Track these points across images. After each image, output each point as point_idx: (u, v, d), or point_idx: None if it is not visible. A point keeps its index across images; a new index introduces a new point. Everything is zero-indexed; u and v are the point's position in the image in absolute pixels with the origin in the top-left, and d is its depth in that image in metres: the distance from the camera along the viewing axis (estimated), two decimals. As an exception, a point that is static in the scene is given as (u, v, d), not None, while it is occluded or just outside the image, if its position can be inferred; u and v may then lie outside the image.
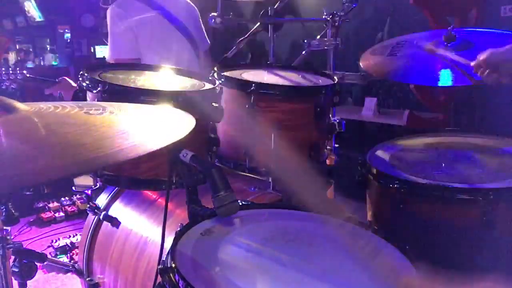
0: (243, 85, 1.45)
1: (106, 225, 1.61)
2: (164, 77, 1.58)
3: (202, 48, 2.81)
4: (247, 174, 1.57)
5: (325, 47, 1.91)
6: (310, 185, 1.39)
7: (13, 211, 1.23)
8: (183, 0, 2.67)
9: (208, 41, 2.83)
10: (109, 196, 1.67)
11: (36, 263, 1.36)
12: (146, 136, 0.77)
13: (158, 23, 2.33)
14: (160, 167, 1.29)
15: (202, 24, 2.75)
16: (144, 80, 1.47)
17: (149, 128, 0.85)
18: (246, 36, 2.22)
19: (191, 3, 2.69)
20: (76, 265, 1.74)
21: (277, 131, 1.39)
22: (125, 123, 0.82)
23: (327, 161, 1.68)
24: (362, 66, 1.70)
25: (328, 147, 1.70)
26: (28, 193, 3.59)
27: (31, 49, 5.29)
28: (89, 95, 1.32)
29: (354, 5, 1.93)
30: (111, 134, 0.74)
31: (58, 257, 2.95)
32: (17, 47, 5.16)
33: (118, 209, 1.63)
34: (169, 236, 1.08)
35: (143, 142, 0.72)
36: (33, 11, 5.14)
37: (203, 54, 2.81)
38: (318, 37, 2.00)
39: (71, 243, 3.06)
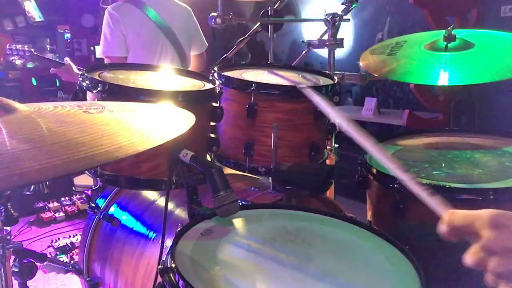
0: (243, 85, 1.45)
1: (106, 225, 1.61)
2: (164, 77, 1.58)
3: (199, 49, 2.83)
4: (247, 174, 1.57)
5: (325, 47, 1.91)
6: (310, 185, 1.39)
7: (12, 211, 1.23)
8: (176, 5, 2.70)
9: (206, 42, 2.85)
10: (109, 196, 1.67)
11: (36, 263, 1.36)
12: (145, 134, 0.77)
13: (147, 27, 2.58)
14: (160, 167, 1.29)
15: (198, 26, 2.77)
16: (144, 80, 1.47)
17: (148, 126, 0.84)
18: (246, 36, 2.22)
19: (186, 6, 2.73)
20: (76, 265, 1.74)
21: (277, 131, 1.39)
22: (125, 121, 0.82)
23: (327, 161, 1.68)
24: (362, 66, 1.70)
25: (328, 147, 1.70)
26: (28, 193, 3.61)
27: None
28: (89, 95, 1.32)
29: (354, 5, 1.93)
30: (110, 132, 0.74)
31: (58, 257, 2.96)
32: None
33: (118, 209, 1.63)
34: (169, 236, 1.08)
35: (142, 139, 0.72)
36: (33, 11, 5.14)
37: (200, 56, 2.84)
38: (318, 37, 1.99)
39: (71, 243, 3.06)
